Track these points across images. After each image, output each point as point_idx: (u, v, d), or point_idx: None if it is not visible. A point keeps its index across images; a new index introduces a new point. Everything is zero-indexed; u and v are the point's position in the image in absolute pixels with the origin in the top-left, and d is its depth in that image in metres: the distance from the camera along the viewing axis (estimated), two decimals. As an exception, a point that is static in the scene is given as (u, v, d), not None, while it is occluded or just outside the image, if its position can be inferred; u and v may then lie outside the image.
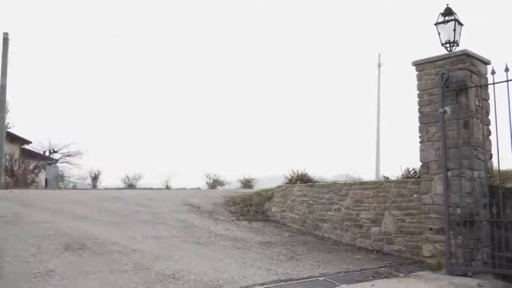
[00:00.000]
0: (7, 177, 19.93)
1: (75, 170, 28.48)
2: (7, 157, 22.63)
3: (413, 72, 6.98)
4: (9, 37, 21.66)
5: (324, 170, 30.31)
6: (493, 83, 6.24)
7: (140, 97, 57.07)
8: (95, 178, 25.38)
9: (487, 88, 6.76)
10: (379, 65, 27.58)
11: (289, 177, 10.16)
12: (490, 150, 6.73)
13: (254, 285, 4.98)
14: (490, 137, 6.69)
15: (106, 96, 54.66)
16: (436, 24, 6.82)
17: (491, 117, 6.59)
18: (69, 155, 30.18)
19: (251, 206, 10.17)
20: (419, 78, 6.90)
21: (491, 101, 6.51)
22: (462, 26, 6.82)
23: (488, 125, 6.72)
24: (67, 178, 28.05)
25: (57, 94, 50.61)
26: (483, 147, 6.50)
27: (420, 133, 6.84)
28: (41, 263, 5.02)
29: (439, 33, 6.80)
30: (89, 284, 4.56)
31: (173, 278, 4.92)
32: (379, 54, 27.80)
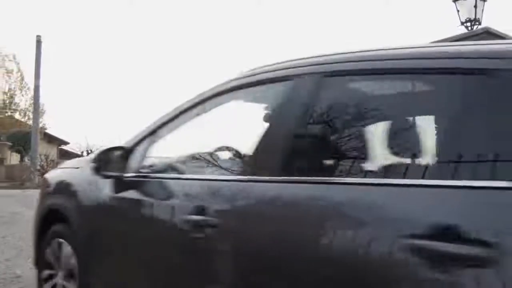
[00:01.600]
0: (40, 177, 20.39)
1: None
2: (43, 157, 23.16)
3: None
4: (42, 40, 22.11)
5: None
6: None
7: (146, 96, 57.35)
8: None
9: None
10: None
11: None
12: None
13: None
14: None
15: (132, 94, 55.09)
16: (455, 0, 6.06)
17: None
18: (105, 155, 30.64)
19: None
20: (435, 62, 6.15)
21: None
22: (485, 2, 6.03)
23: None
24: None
25: (93, 94, 51.69)
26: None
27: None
28: (10, 268, 4.73)
29: (458, 11, 6.03)
30: (50, 293, 4.21)
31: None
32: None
